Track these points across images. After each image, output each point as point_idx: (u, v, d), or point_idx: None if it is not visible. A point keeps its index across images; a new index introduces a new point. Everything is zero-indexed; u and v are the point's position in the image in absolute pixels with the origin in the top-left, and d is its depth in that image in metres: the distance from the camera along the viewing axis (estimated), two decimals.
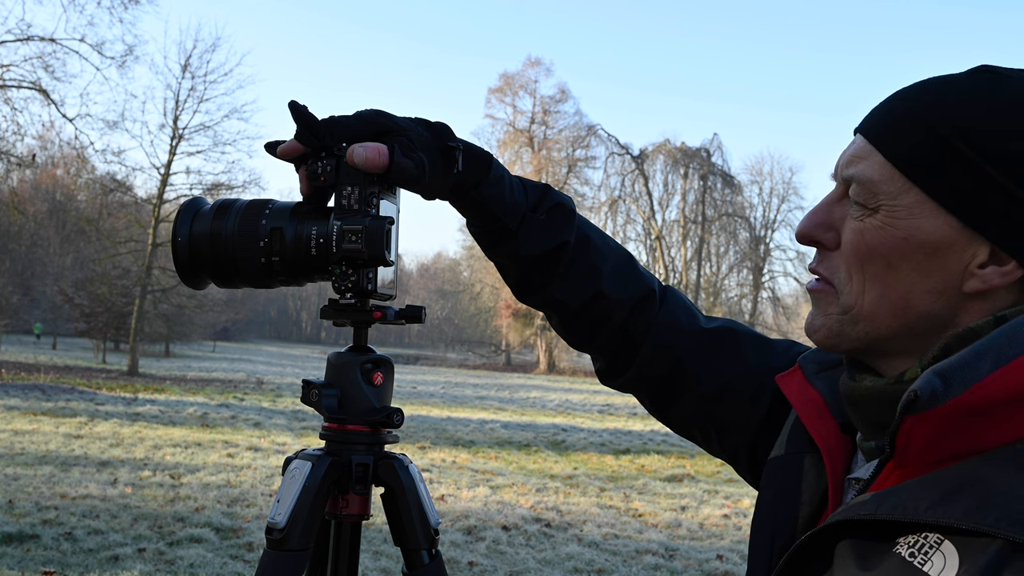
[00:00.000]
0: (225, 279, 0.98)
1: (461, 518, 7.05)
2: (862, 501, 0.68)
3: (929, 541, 0.62)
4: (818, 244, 0.80)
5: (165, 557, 5.45)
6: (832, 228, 0.79)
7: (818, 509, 0.81)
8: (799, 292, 48.22)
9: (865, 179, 0.75)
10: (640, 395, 1.10)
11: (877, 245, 0.74)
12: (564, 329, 1.09)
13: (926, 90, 0.74)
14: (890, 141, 0.74)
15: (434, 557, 1.00)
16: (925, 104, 0.73)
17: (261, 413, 14.41)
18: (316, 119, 0.92)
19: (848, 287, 0.77)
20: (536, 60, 54.41)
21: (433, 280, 71.57)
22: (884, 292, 0.74)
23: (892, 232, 0.73)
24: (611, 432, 14.62)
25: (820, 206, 0.80)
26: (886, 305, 0.74)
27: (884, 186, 0.73)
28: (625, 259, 1.07)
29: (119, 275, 27.51)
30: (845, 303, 0.77)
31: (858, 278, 0.76)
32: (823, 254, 0.80)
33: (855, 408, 0.78)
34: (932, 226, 0.71)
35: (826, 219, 0.79)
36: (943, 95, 0.73)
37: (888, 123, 0.75)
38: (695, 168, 46.92)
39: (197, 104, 25.57)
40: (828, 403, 0.85)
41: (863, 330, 0.76)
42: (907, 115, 0.74)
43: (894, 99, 0.77)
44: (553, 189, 1.05)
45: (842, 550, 0.68)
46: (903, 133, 0.73)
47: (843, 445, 0.82)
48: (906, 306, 0.73)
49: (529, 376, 39.08)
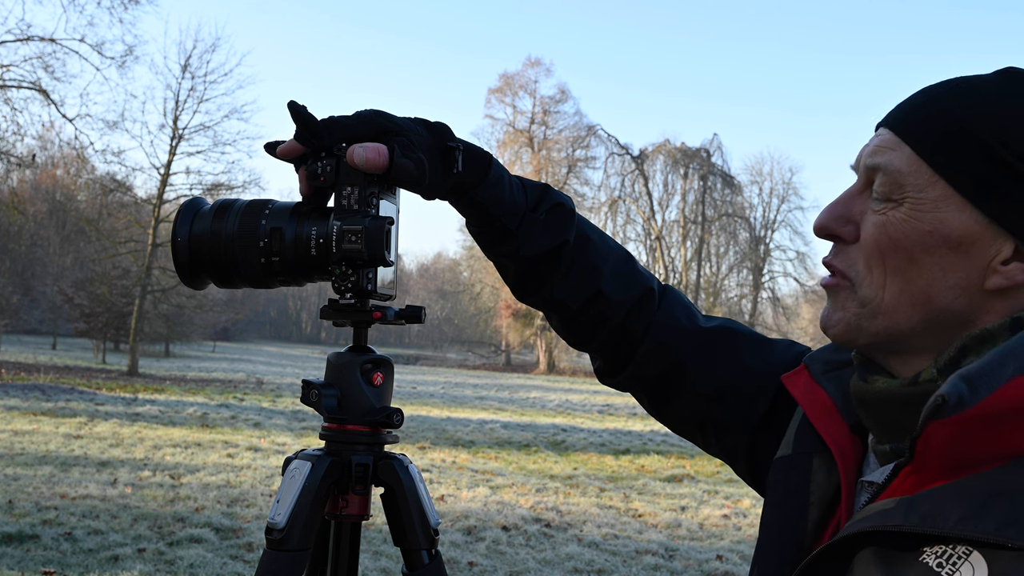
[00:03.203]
0: (225, 279, 0.98)
1: (461, 518, 7.05)
2: (887, 509, 0.67)
3: (957, 552, 0.62)
4: (836, 238, 0.79)
5: (165, 557, 5.45)
6: (851, 221, 0.78)
7: (828, 510, 0.81)
8: (799, 292, 48.23)
9: (893, 169, 0.74)
10: (638, 394, 1.10)
11: (901, 238, 0.73)
12: (564, 329, 1.09)
13: (955, 88, 0.74)
14: (918, 134, 0.73)
15: (434, 557, 1.00)
16: (954, 101, 0.73)
17: (261, 413, 14.41)
18: (315, 119, 0.92)
19: (867, 280, 0.76)
20: (536, 60, 54.39)
21: (433, 280, 71.56)
22: (905, 286, 0.73)
23: (917, 225, 0.72)
24: (611, 432, 14.62)
25: (840, 199, 0.79)
26: (907, 300, 0.73)
27: (911, 178, 0.73)
28: (625, 259, 1.07)
29: (119, 275, 27.48)
30: (864, 296, 0.76)
31: (879, 272, 0.75)
32: (840, 248, 0.79)
33: (867, 409, 0.77)
34: (957, 220, 0.71)
35: (845, 212, 0.78)
36: (972, 93, 0.73)
37: (916, 117, 0.75)
38: (695, 168, 46.89)
39: (197, 104, 25.52)
40: (837, 403, 0.84)
41: (882, 324, 0.75)
42: (935, 110, 0.73)
43: (921, 95, 0.76)
44: (553, 189, 1.05)
45: (864, 557, 0.67)
46: (931, 127, 0.73)
47: (854, 446, 0.81)
48: (927, 301, 0.73)
49: (529, 376, 39.05)
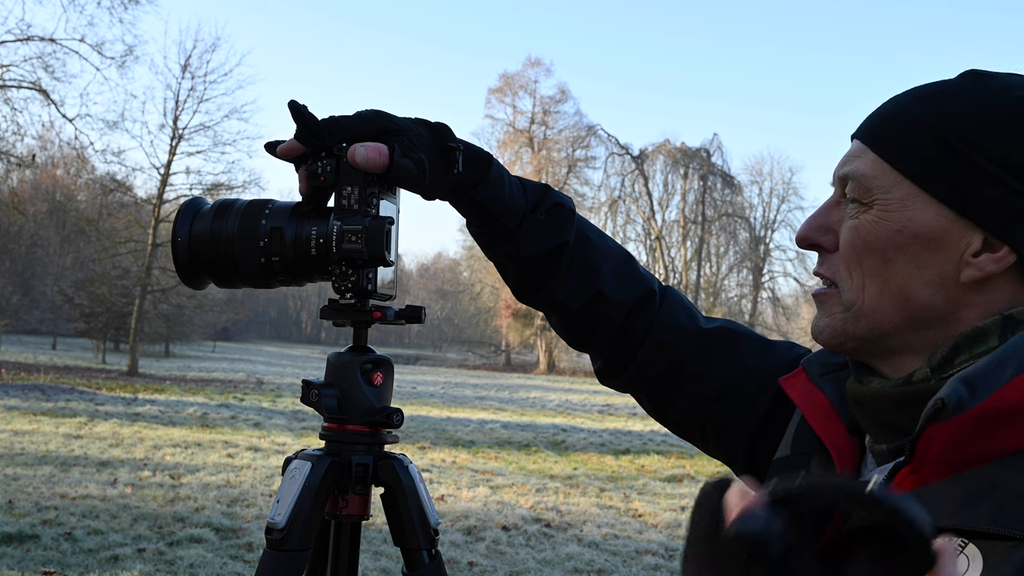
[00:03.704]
0: (225, 279, 0.98)
1: (461, 518, 7.05)
2: None
3: (952, 544, 0.62)
4: (818, 247, 0.82)
5: (165, 557, 5.45)
6: (830, 231, 0.81)
7: None
8: (799, 292, 48.23)
9: (858, 175, 0.77)
10: (639, 394, 1.10)
11: (873, 239, 0.76)
12: (564, 329, 1.09)
13: (916, 92, 0.78)
14: (880, 138, 0.77)
15: (434, 557, 1.01)
16: (914, 104, 0.76)
17: (261, 413, 14.41)
18: (316, 119, 0.92)
19: (848, 284, 0.78)
20: (536, 60, 54.38)
21: (433, 280, 71.55)
22: (883, 286, 0.76)
23: (886, 225, 0.75)
24: (611, 432, 14.62)
25: (818, 211, 0.82)
26: (886, 299, 0.76)
27: (877, 180, 0.76)
28: (625, 259, 1.08)
29: (119, 275, 27.48)
30: (847, 300, 0.78)
31: (857, 274, 0.77)
32: (824, 257, 0.82)
33: (863, 410, 0.78)
34: (924, 217, 0.73)
35: (824, 223, 0.81)
36: (931, 95, 0.76)
37: (879, 123, 0.78)
38: (695, 168, 46.88)
39: (197, 104, 25.53)
40: (835, 405, 0.85)
41: (866, 326, 0.77)
42: (897, 114, 0.77)
43: (886, 103, 0.80)
44: (553, 189, 1.05)
45: None
46: (892, 130, 0.76)
47: (852, 447, 0.82)
48: (906, 299, 0.75)
49: (529, 376, 39.04)
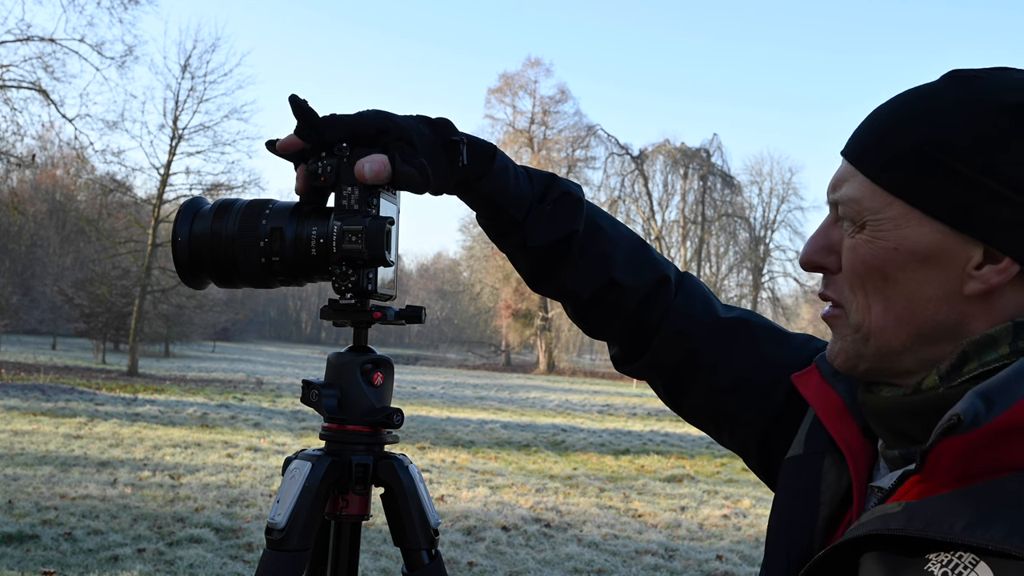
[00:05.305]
0: (225, 279, 0.98)
1: (461, 518, 7.05)
2: (891, 513, 0.66)
3: (964, 561, 0.61)
4: (823, 269, 0.80)
5: (165, 557, 5.45)
6: (833, 251, 0.79)
7: (838, 510, 0.80)
8: (799, 292, 48.23)
9: (848, 199, 0.75)
10: (655, 383, 1.09)
11: (870, 259, 0.74)
12: (579, 318, 1.08)
13: (899, 104, 0.75)
14: (867, 158, 0.75)
15: (434, 557, 1.00)
16: (898, 118, 0.74)
17: (261, 413, 14.40)
18: (316, 114, 0.91)
19: (854, 305, 0.77)
20: (536, 60, 54.48)
21: (433, 280, 71.56)
22: (888, 306, 0.74)
23: (882, 244, 0.73)
24: (611, 432, 14.62)
25: (818, 231, 0.81)
26: (892, 318, 0.74)
27: (867, 202, 0.74)
28: (639, 245, 1.06)
29: (119, 275, 27.47)
30: (855, 322, 0.77)
31: (861, 295, 0.76)
32: (829, 278, 0.80)
33: (875, 418, 0.78)
34: (919, 235, 0.72)
35: (825, 243, 0.80)
36: (914, 106, 0.74)
37: (864, 141, 0.76)
38: (695, 168, 46.85)
39: (197, 104, 25.54)
40: (848, 404, 0.84)
41: (875, 346, 0.76)
42: (882, 130, 0.75)
43: (870, 117, 0.78)
44: (560, 178, 1.03)
45: (868, 562, 0.67)
46: (879, 149, 0.74)
47: (865, 448, 0.81)
48: (911, 317, 0.73)
49: (529, 376, 39.04)
